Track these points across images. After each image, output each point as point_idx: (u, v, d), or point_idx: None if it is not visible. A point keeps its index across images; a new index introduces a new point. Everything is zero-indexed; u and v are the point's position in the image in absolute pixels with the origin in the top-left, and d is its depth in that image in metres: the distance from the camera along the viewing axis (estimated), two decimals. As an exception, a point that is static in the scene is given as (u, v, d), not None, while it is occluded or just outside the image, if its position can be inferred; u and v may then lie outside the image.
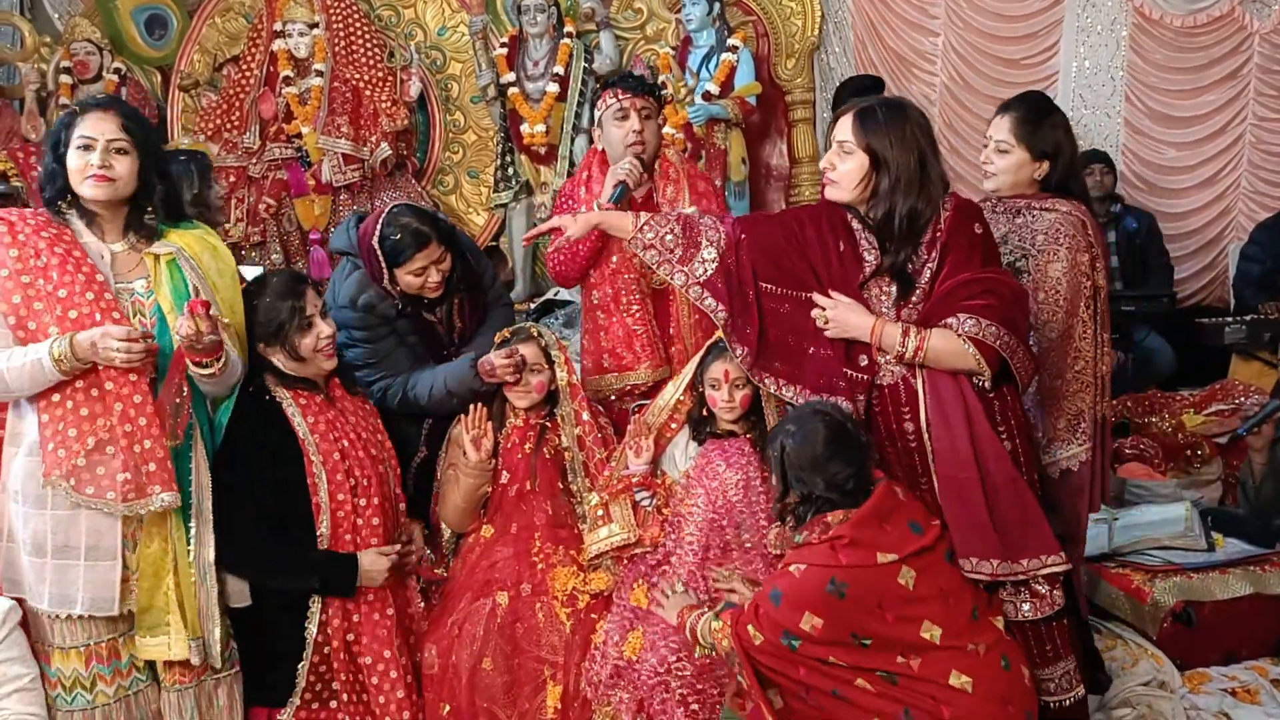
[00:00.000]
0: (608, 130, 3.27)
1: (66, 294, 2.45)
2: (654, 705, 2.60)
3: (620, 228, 2.74)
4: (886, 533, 2.38)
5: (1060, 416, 2.84)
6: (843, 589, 2.31)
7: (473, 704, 2.74)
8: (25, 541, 2.48)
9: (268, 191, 5.10)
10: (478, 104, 5.55)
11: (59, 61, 5.35)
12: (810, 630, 2.31)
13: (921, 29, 5.78)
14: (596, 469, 2.97)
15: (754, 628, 2.37)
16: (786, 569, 2.40)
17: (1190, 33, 5.58)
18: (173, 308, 2.54)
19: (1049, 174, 2.90)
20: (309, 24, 5.12)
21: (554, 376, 3.03)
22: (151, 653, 2.55)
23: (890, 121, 2.51)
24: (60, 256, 2.47)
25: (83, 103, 2.59)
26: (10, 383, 2.42)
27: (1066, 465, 2.84)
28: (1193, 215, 5.79)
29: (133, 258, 2.59)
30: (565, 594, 2.83)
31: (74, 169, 2.50)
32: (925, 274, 2.56)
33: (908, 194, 2.50)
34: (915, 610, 2.35)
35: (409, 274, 3.05)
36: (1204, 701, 3.05)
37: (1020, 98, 3.06)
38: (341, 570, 2.69)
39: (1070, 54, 5.69)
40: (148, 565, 2.53)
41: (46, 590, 2.47)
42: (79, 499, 2.42)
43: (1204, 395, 4.41)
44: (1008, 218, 2.92)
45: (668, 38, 5.40)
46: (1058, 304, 2.81)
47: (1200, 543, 3.50)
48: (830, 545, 2.37)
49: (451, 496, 2.99)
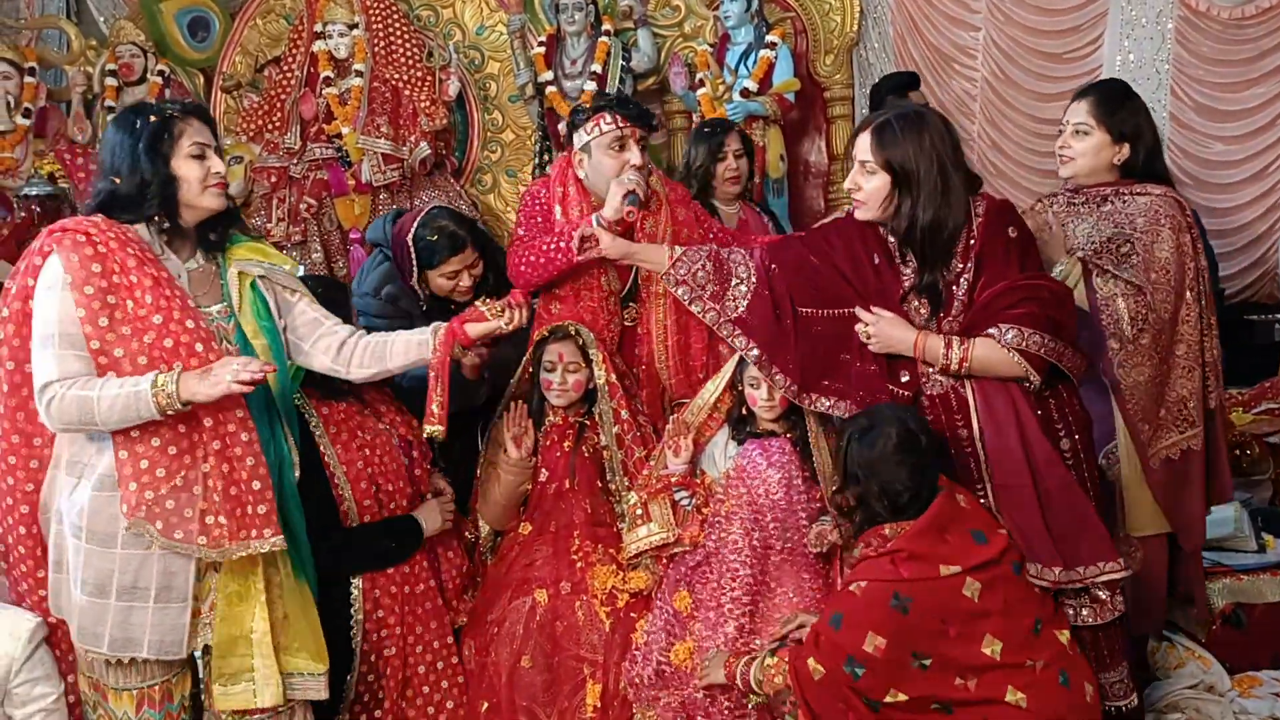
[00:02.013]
0: (597, 158, 3.03)
1: (162, 320, 2.23)
2: (698, 712, 2.60)
3: (656, 261, 2.72)
4: (948, 543, 2.31)
5: (1161, 404, 2.74)
6: (906, 604, 2.25)
7: (512, 702, 2.75)
8: (85, 581, 2.27)
9: (308, 191, 5.14)
10: (516, 103, 5.56)
11: (104, 64, 5.43)
12: (873, 651, 2.23)
13: (962, 24, 5.72)
14: (635, 468, 2.96)
15: (814, 660, 2.28)
16: (846, 590, 2.34)
17: (1239, 24, 5.46)
18: (257, 331, 2.41)
19: (1130, 159, 2.81)
20: (349, 25, 5.15)
21: (592, 375, 3.03)
22: (235, 703, 2.35)
23: (908, 134, 2.47)
24: (152, 278, 2.25)
25: (177, 108, 2.38)
26: (99, 416, 2.18)
27: (1168, 454, 2.75)
28: (1240, 210, 5.68)
29: (205, 278, 2.41)
30: (605, 593, 2.83)
31: (193, 178, 2.31)
32: (962, 284, 2.53)
33: (928, 206, 2.47)
34: (978, 625, 2.28)
35: (441, 276, 3.06)
36: (1254, 705, 3.00)
37: (1098, 82, 3.05)
38: (407, 528, 2.75)
39: (1114, 47, 5.60)
40: (226, 607, 2.33)
41: (106, 633, 2.26)
42: (166, 543, 2.22)
43: (1253, 394, 4.34)
44: (1091, 207, 2.83)
45: (705, 35, 5.38)
46: (1169, 284, 2.72)
47: (1250, 543, 3.45)
48: (890, 559, 2.30)
49: (492, 494, 3.00)
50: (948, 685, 2.25)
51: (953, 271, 2.53)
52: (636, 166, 2.99)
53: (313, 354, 2.56)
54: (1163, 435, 2.75)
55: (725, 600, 2.68)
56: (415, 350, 2.57)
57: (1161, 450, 2.76)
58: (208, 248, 2.44)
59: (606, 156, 3.02)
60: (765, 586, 2.71)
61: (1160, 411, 2.75)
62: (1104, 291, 2.78)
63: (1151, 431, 2.75)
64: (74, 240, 2.23)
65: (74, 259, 2.21)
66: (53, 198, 5.00)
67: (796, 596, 2.67)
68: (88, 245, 2.22)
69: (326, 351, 2.55)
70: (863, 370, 2.59)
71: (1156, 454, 2.76)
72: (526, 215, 3.16)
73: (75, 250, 2.22)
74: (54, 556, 2.36)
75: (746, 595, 2.68)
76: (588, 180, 3.09)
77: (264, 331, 2.43)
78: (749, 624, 2.66)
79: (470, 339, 2.58)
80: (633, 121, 3.02)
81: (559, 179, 3.18)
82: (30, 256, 2.33)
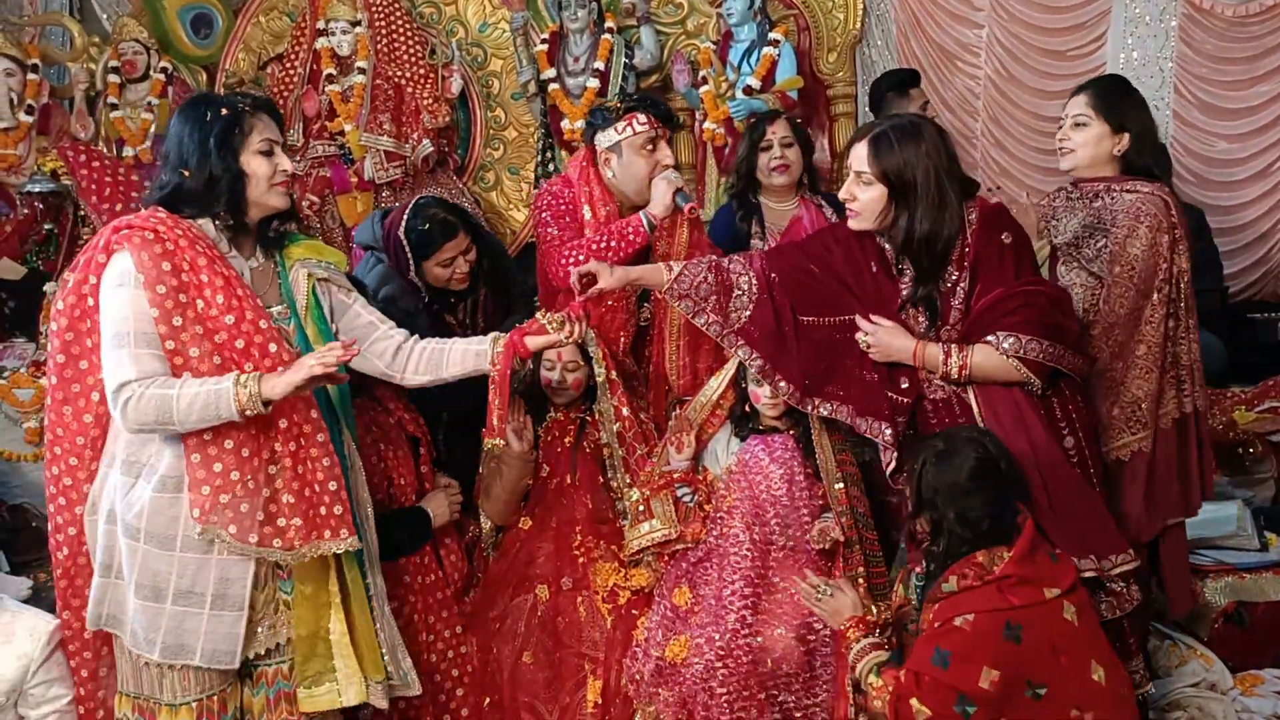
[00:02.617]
0: (628, 158, 3.08)
1: (234, 320, 2.19)
2: (697, 707, 2.60)
3: (655, 281, 2.73)
4: (1040, 565, 2.22)
5: (1115, 403, 2.72)
6: (1018, 633, 2.12)
7: (514, 698, 2.75)
8: (140, 584, 2.21)
9: (311, 189, 5.14)
10: (518, 100, 5.55)
11: (107, 61, 5.42)
12: (988, 687, 2.09)
13: (965, 21, 5.71)
14: (637, 465, 2.97)
15: (918, 701, 2.13)
16: (949, 625, 2.18)
17: (1243, 22, 5.46)
18: (317, 335, 2.37)
19: (1129, 151, 2.80)
20: (351, 22, 5.15)
21: (591, 373, 3.03)
22: (321, 704, 2.32)
23: (905, 145, 2.47)
24: (222, 277, 2.20)
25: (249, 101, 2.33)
26: (177, 416, 2.12)
27: (1118, 455, 2.72)
28: (1244, 209, 5.67)
29: (266, 276, 2.37)
30: (606, 589, 2.83)
31: (262, 175, 2.26)
32: (959, 293, 2.54)
33: (925, 219, 2.47)
34: (1083, 650, 2.18)
35: (437, 265, 3.07)
36: (1256, 704, 3.00)
37: (1098, 77, 3.05)
38: (416, 519, 2.76)
39: (1118, 45, 5.59)
40: (303, 610, 2.30)
41: (160, 639, 2.21)
42: (239, 548, 2.17)
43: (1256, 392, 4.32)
44: (1085, 202, 2.83)
45: (709, 32, 5.37)
46: (1131, 281, 2.71)
47: (1253, 542, 3.44)
48: (997, 587, 2.18)
49: (494, 489, 3.00)
50: (1064, 718, 2.13)
51: (948, 280, 2.54)
52: (670, 165, 3.03)
53: (367, 358, 2.52)
54: (1115, 435, 2.72)
55: (727, 593, 2.68)
56: (473, 360, 2.54)
57: (1113, 451, 2.72)
58: (266, 245, 2.39)
59: (639, 156, 3.06)
60: (767, 582, 2.71)
61: (1114, 410, 2.72)
62: (1065, 279, 2.85)
63: (1103, 428, 2.72)
64: (142, 238, 2.17)
65: (144, 257, 2.15)
66: (55, 195, 5.00)
67: (798, 592, 2.67)
68: (156, 243, 2.16)
69: (381, 356, 2.53)
70: (863, 377, 2.59)
71: (1109, 451, 2.72)
72: (554, 215, 3.16)
73: (145, 248, 2.16)
74: (103, 560, 2.28)
75: (749, 588, 2.68)
76: (615, 179, 3.12)
77: (322, 336, 2.39)
78: (750, 618, 2.65)
79: (529, 351, 2.55)
80: (664, 122, 3.07)
81: (582, 178, 3.19)
82: (92, 252, 2.27)
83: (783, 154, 3.69)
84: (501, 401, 2.52)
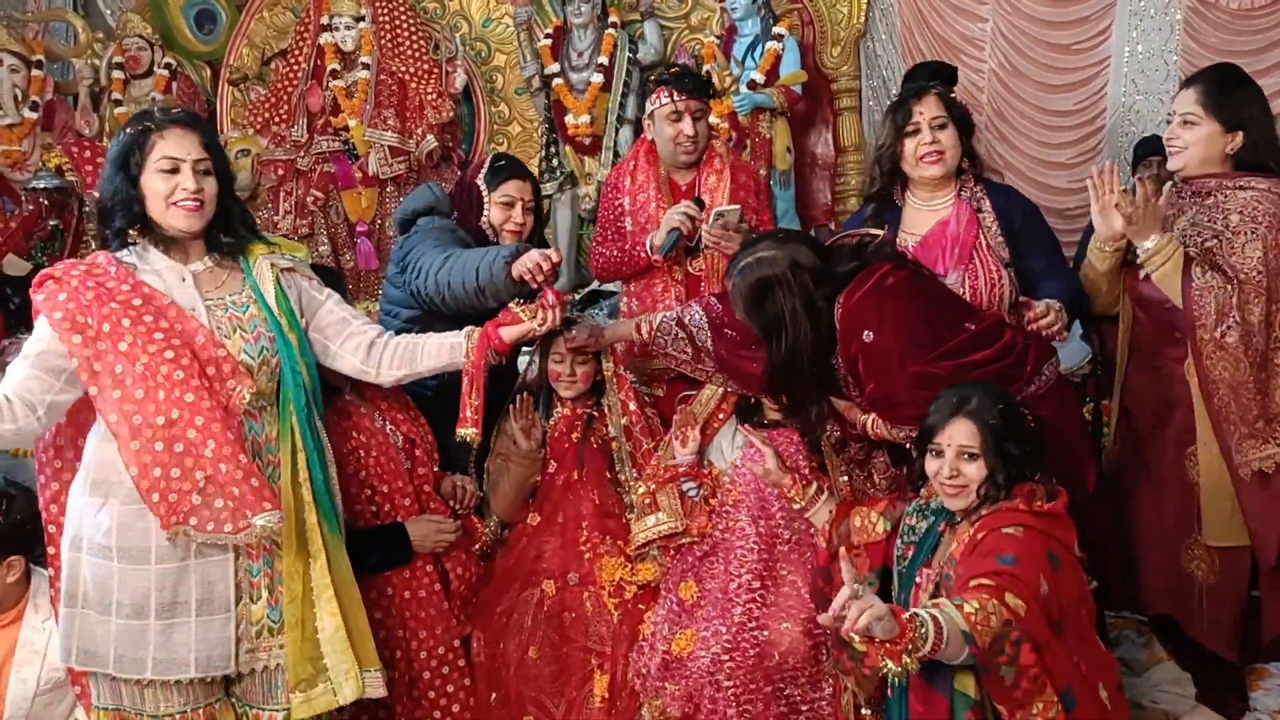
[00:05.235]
0: (659, 126, 3.38)
1: (127, 347, 2.17)
2: (704, 700, 2.60)
3: (625, 334, 2.94)
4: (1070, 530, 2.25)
5: (1262, 414, 2.60)
6: (1057, 563, 2.15)
7: (520, 693, 2.76)
8: (121, 604, 2.18)
9: (315, 184, 5.15)
10: (522, 95, 5.56)
11: (111, 57, 5.43)
12: (1045, 593, 2.09)
13: (969, 14, 5.69)
14: (644, 459, 2.97)
15: (1012, 595, 2.03)
16: (997, 533, 2.17)
17: (1247, 15, 5.44)
18: (290, 325, 2.35)
19: (1242, 148, 2.69)
20: (355, 17, 5.16)
21: (599, 367, 3.03)
22: (318, 706, 2.28)
23: (758, 300, 2.52)
24: (125, 305, 2.19)
25: (155, 117, 2.29)
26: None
27: (1260, 466, 2.61)
28: (1249, 203, 5.67)
29: (218, 274, 2.35)
30: (613, 584, 2.83)
31: (158, 193, 2.23)
32: (851, 384, 2.58)
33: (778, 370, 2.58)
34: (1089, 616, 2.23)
35: (500, 200, 3.12)
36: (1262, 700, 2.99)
37: (1209, 68, 2.87)
38: (391, 540, 2.68)
39: (1122, 39, 5.57)
40: (293, 613, 2.26)
41: (149, 657, 2.17)
42: (208, 538, 2.16)
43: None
44: (1194, 200, 2.71)
45: (712, 26, 5.37)
46: (1260, 286, 2.58)
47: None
48: (1042, 520, 2.20)
49: (502, 486, 3.00)
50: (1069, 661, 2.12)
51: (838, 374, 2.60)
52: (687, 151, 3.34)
53: (341, 354, 2.50)
54: (1257, 446, 2.61)
55: (733, 587, 2.69)
56: (447, 353, 2.54)
57: (1253, 460, 2.61)
58: (222, 250, 2.36)
59: (666, 125, 3.36)
60: (773, 575, 2.71)
61: (1259, 423, 2.61)
62: (1200, 282, 2.65)
63: (1241, 438, 2.63)
64: (46, 290, 2.23)
65: (49, 308, 2.21)
66: (60, 190, 5.01)
67: (805, 586, 2.67)
68: (59, 290, 2.21)
69: (355, 352, 2.51)
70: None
71: (1248, 463, 2.62)
72: (604, 205, 3.53)
73: (48, 299, 2.21)
74: (67, 589, 2.24)
75: (756, 580, 2.68)
76: (659, 145, 3.42)
77: (293, 326, 2.37)
78: (756, 611, 2.66)
79: (505, 343, 2.55)
80: (689, 95, 3.31)
81: (631, 156, 3.53)
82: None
83: (934, 138, 2.89)
84: (477, 393, 2.52)
